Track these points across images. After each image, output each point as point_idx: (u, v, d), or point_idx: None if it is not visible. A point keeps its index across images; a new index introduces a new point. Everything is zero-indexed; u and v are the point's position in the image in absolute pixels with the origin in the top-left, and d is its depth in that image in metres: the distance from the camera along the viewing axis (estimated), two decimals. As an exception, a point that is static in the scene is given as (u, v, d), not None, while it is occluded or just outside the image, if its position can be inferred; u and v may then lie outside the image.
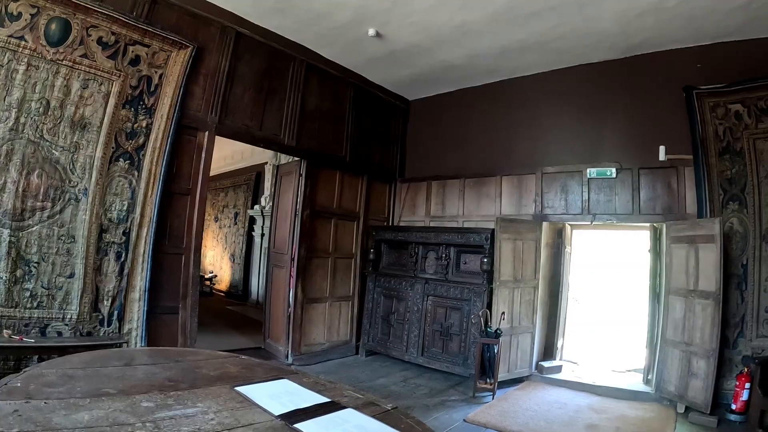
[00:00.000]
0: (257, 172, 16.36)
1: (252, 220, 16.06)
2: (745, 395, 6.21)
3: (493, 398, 7.33)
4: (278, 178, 9.71)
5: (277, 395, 2.95)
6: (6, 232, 5.74)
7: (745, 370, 6.33)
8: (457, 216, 10.00)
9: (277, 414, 2.59)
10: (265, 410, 2.65)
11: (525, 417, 6.53)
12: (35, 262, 5.96)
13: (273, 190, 9.68)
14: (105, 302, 6.53)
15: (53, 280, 6.11)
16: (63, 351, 5.30)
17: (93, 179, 6.36)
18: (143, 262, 6.80)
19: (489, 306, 7.92)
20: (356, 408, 2.83)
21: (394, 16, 7.45)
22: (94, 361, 3.47)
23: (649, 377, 7.70)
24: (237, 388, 3.00)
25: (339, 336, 9.67)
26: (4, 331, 5.64)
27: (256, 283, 15.34)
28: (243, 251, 16.48)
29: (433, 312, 8.83)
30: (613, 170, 7.97)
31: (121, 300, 6.64)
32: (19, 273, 5.84)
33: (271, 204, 11.54)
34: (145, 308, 6.80)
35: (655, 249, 7.91)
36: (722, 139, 7.13)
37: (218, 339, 9.23)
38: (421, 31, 7.88)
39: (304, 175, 8.91)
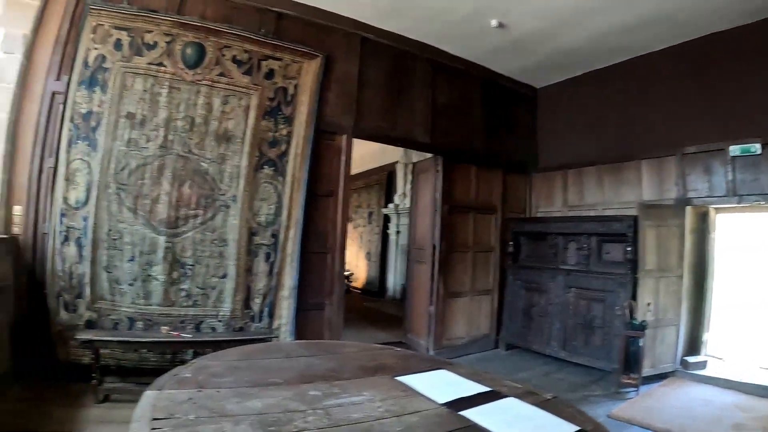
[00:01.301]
0: (389, 171, 15.43)
1: (386, 219, 15.25)
2: None
3: (637, 394, 6.33)
4: (414, 176, 9.10)
5: (438, 385, 2.77)
6: (162, 239, 5.57)
7: None
8: (595, 204, 8.76)
9: (441, 402, 2.44)
10: (428, 398, 2.50)
11: (670, 414, 5.64)
12: (190, 265, 5.74)
13: (409, 187, 9.13)
14: (256, 300, 6.22)
15: (207, 280, 5.87)
16: (217, 345, 5.08)
17: (240, 187, 6.08)
18: (291, 261, 6.42)
19: (633, 297, 6.82)
20: (517, 397, 2.61)
21: (513, 4, 6.73)
22: (254, 354, 3.43)
23: None
24: (397, 378, 2.84)
25: (479, 330, 8.86)
26: (162, 327, 5.43)
27: (392, 280, 14.63)
28: (378, 249, 15.71)
29: (575, 304, 7.78)
30: (758, 146, 6.58)
31: (271, 298, 6.30)
32: (175, 275, 5.65)
33: (406, 201, 11.06)
34: (294, 305, 6.42)
35: None
36: None
37: (360, 334, 8.70)
38: (541, 17, 7.03)
39: (441, 171, 8.26)
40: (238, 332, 6.03)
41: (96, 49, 5.40)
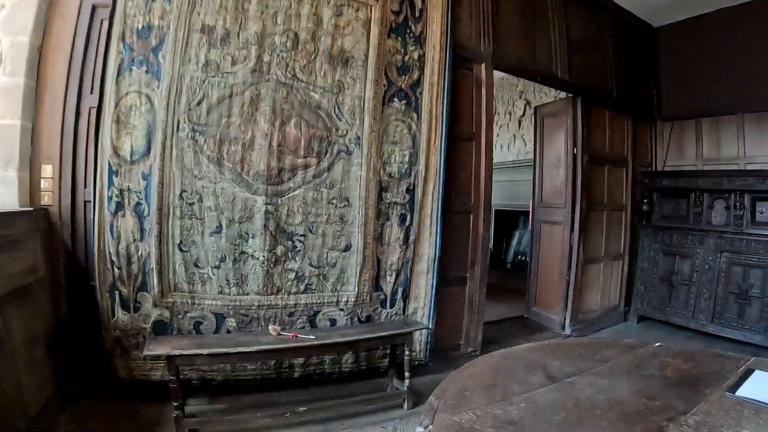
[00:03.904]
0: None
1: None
2: None
3: None
4: (539, 122, 6.11)
5: None
6: (260, 200, 2.98)
7: None
8: (736, 158, 5.95)
9: None
10: None
11: None
12: (300, 235, 3.14)
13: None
14: (388, 278, 3.60)
15: (324, 255, 3.28)
16: (350, 348, 3.15)
17: (366, 125, 3.39)
18: (431, 225, 3.76)
19: None
20: None
21: None
22: (515, 372, 1.82)
23: None
24: (739, 396, 1.56)
25: (609, 301, 6.06)
26: (271, 327, 2.90)
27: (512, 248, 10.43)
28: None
29: (727, 271, 5.16)
30: None
31: (406, 273, 3.66)
32: (279, 250, 3.07)
33: (511, 153, 8.04)
34: (434, 281, 3.77)
35: None
36: None
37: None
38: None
39: (579, 115, 5.39)
40: (368, 324, 3.46)
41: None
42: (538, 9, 4.92)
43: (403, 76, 3.58)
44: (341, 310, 3.31)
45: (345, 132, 3.26)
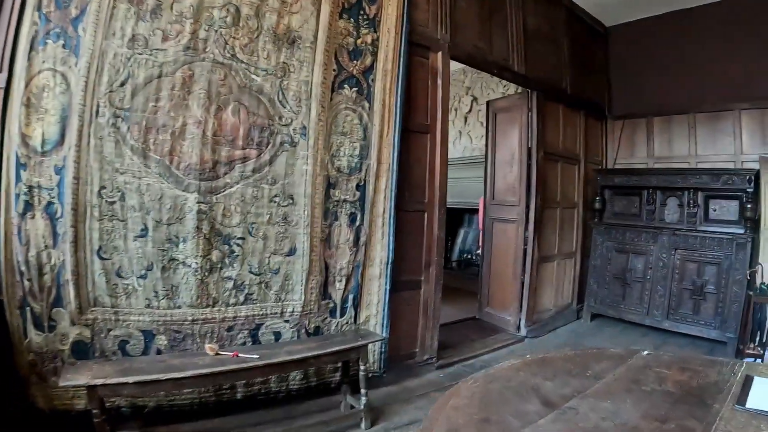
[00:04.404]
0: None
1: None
2: None
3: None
4: (491, 117, 5.93)
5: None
6: (192, 197, 2.60)
7: None
8: (687, 157, 6.05)
9: None
10: None
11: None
12: (238, 238, 2.79)
13: (485, 131, 5.94)
14: (337, 284, 3.31)
15: (266, 260, 2.93)
16: (296, 367, 2.73)
17: (313, 113, 3.07)
18: (383, 225, 3.49)
19: (752, 259, 4.81)
20: None
21: None
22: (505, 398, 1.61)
23: None
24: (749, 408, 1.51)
25: (563, 299, 6.02)
26: (207, 346, 2.52)
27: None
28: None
29: (682, 268, 5.26)
30: None
31: (357, 279, 3.39)
32: (215, 256, 2.71)
33: (478, 149, 7.81)
34: (387, 286, 3.52)
35: None
36: None
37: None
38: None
39: (534, 110, 5.27)
40: (317, 337, 3.14)
41: None
42: (496, 0, 4.78)
43: (355, 61, 3.30)
44: (286, 321, 2.99)
45: (289, 121, 2.93)
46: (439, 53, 3.98)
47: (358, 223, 3.35)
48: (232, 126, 2.75)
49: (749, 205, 4.81)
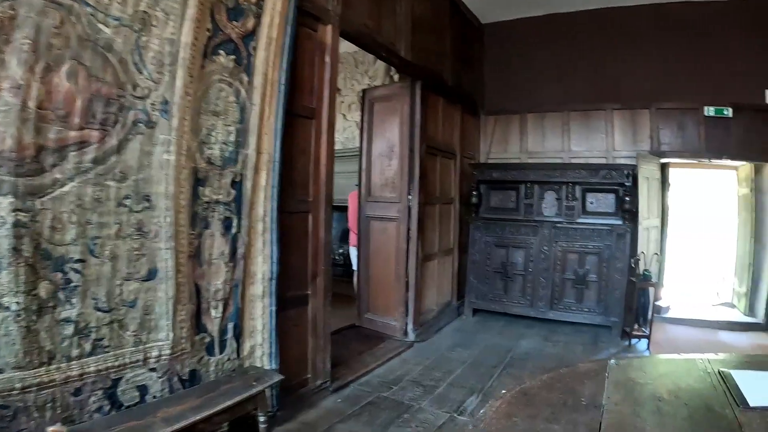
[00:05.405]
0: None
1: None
2: None
3: (649, 343, 4.90)
4: (367, 107, 5.40)
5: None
6: (5, 202, 1.72)
7: None
8: (560, 152, 6.40)
9: None
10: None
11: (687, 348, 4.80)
12: (76, 261, 1.97)
13: (360, 122, 5.47)
14: (212, 312, 2.61)
15: (117, 290, 2.13)
16: None
17: (178, 84, 2.32)
18: (265, 231, 2.87)
19: (633, 249, 5.26)
20: None
21: None
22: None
23: (753, 308, 5.94)
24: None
25: (444, 297, 5.86)
26: (50, 429, 1.67)
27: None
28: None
29: (563, 259, 5.50)
30: (730, 110, 5.66)
31: (237, 302, 2.73)
32: (44, 290, 1.86)
33: (346, 142, 7.34)
34: (273, 307, 2.90)
35: (759, 188, 6.04)
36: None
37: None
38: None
39: (418, 100, 4.93)
40: (196, 387, 2.42)
41: None
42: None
43: (235, 23, 2.65)
44: (153, 370, 2.26)
45: (147, 92, 2.19)
46: (329, 26, 3.49)
47: (234, 231, 2.68)
48: (66, 95, 1.92)
49: (627, 198, 5.18)
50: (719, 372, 1.76)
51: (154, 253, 2.28)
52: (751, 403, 1.47)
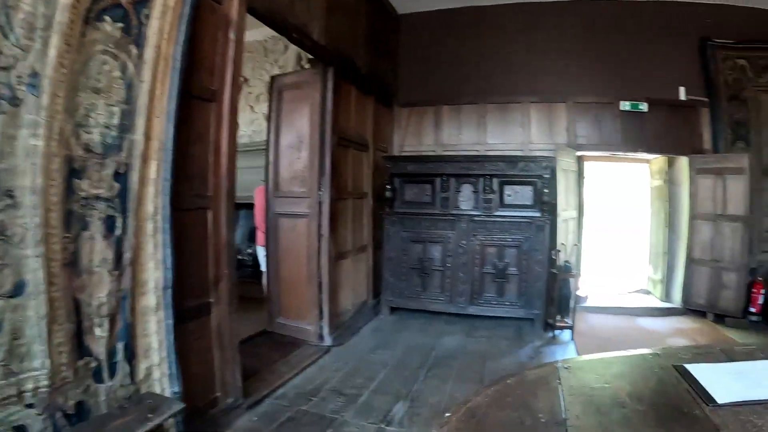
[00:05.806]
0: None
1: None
2: (761, 299, 5.46)
3: (572, 333, 5.03)
4: (275, 95, 5.01)
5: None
6: None
7: (760, 279, 5.53)
8: (477, 144, 6.44)
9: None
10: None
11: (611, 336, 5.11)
12: None
13: (268, 112, 5.08)
14: (97, 331, 2.18)
15: (-29, 311, 1.68)
16: None
17: (52, 53, 1.85)
18: (156, 232, 2.48)
19: (553, 241, 5.37)
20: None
21: None
22: None
23: (669, 294, 6.46)
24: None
25: (359, 296, 5.66)
26: None
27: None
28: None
29: (482, 253, 5.49)
30: (645, 105, 6.02)
31: (126, 317, 2.32)
32: None
33: (251, 134, 6.90)
34: (170, 320, 2.51)
35: (672, 180, 6.48)
36: (730, 87, 5.92)
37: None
38: None
39: (331, 88, 4.64)
40: (85, 425, 2.00)
41: None
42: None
43: None
44: (30, 406, 1.85)
45: (12, 62, 1.76)
46: (235, 0, 3.06)
47: (119, 232, 2.27)
48: None
49: (546, 190, 5.26)
50: (675, 367, 1.68)
51: (20, 263, 1.83)
52: (719, 401, 1.42)
